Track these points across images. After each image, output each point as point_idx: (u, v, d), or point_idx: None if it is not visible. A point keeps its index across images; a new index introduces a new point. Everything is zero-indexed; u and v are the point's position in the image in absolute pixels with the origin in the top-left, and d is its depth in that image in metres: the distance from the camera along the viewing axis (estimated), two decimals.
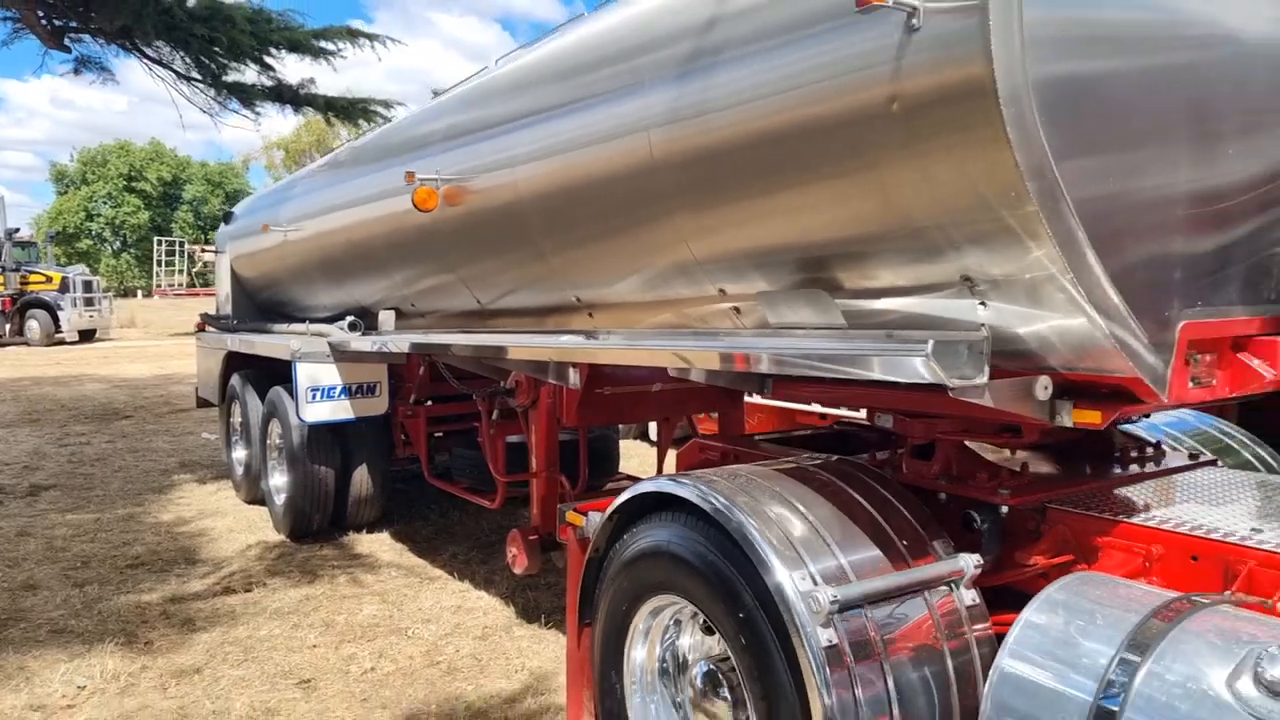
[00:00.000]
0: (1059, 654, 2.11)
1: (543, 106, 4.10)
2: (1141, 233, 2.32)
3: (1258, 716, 1.78)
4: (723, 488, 2.90)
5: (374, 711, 4.22)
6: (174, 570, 6.40)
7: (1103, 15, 2.21)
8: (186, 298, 35.50)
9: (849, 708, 2.46)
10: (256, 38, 10.48)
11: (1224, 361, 2.56)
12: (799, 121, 2.67)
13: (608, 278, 3.97)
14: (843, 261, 2.85)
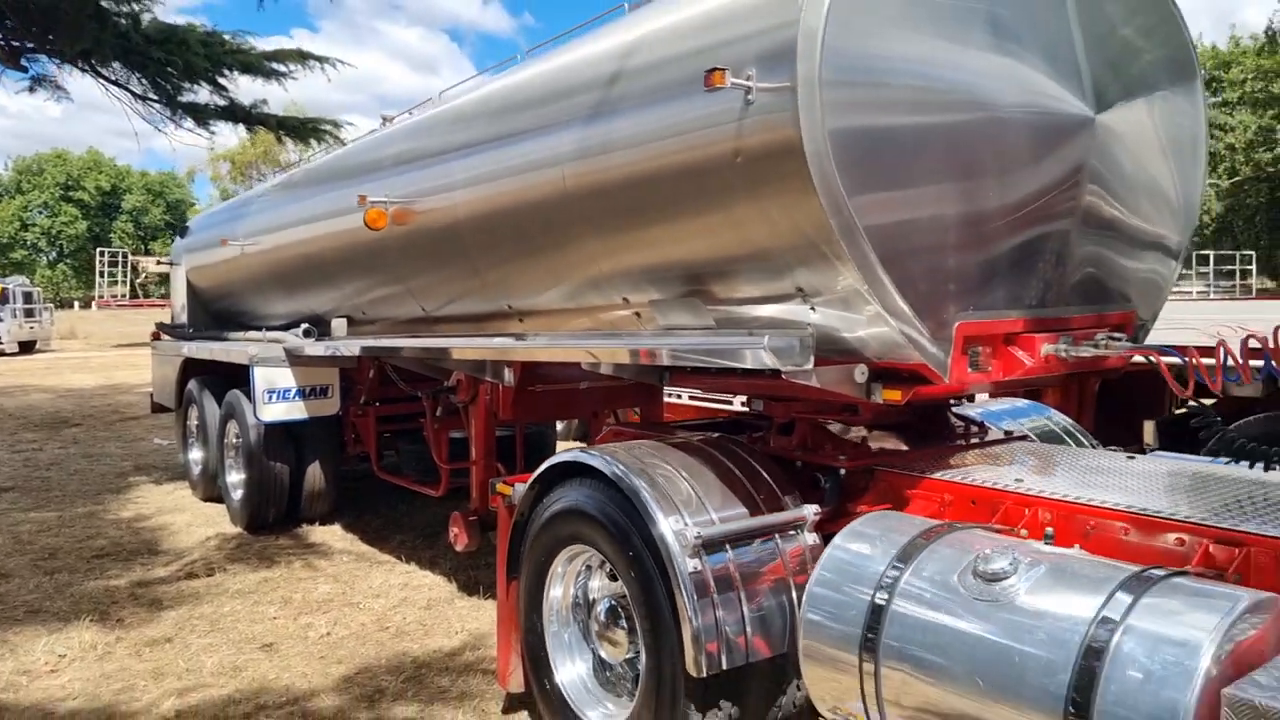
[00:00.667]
0: (851, 567, 2.85)
1: (477, 140, 4.81)
2: (921, 253, 3.09)
3: (974, 595, 2.53)
4: (623, 458, 3.61)
5: (330, 666, 4.84)
6: (138, 559, 6.92)
7: (884, 89, 2.98)
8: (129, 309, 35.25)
9: (712, 628, 3.18)
10: (210, 59, 10.98)
11: (997, 352, 3.35)
12: (675, 165, 3.41)
13: (534, 289, 4.67)
14: (713, 277, 3.59)
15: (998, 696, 2.37)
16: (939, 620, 2.57)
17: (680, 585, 3.18)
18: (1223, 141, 33.33)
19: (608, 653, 3.75)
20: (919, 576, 2.69)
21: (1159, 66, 3.76)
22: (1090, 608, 2.31)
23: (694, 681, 3.18)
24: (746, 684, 3.30)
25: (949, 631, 2.53)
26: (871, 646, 2.70)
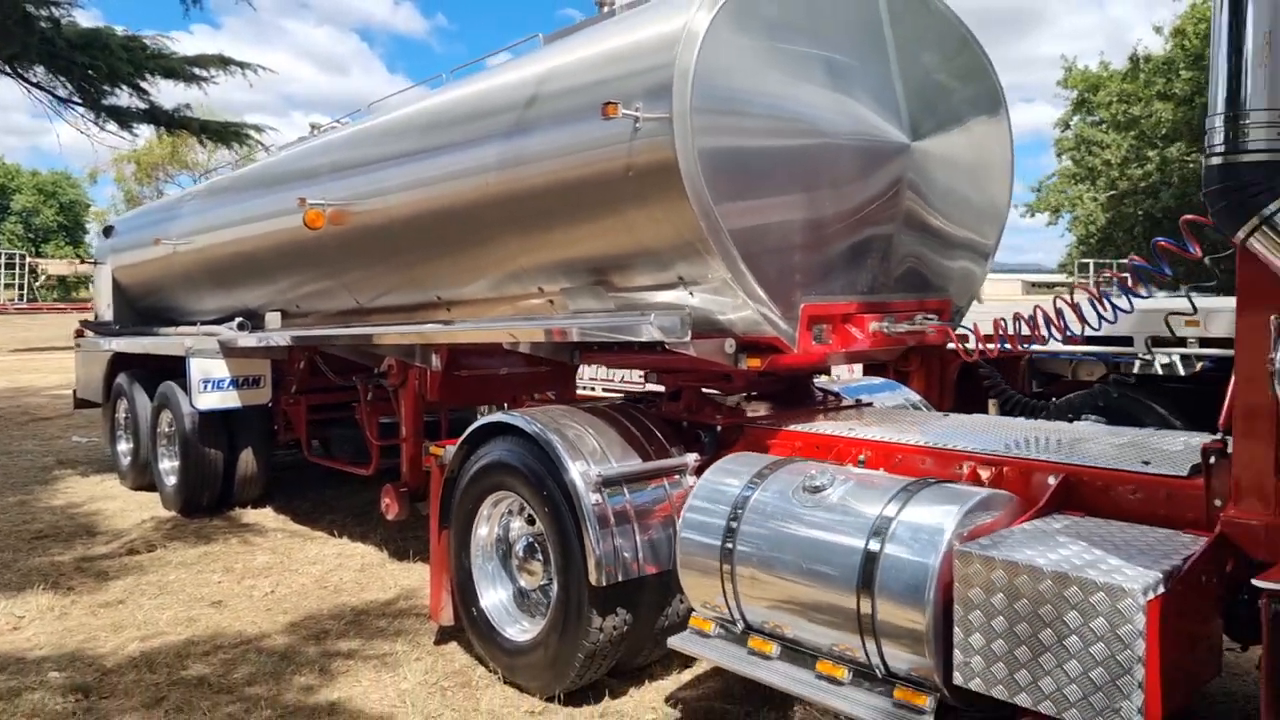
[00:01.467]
0: (715, 493, 3.66)
1: (410, 151, 5.51)
2: (774, 250, 3.93)
3: (801, 504, 3.36)
4: (539, 418, 4.37)
5: (277, 616, 5.44)
6: (78, 539, 7.33)
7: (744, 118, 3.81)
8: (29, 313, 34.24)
9: (611, 550, 3.95)
10: (132, 64, 11.30)
11: (836, 330, 4.22)
12: (580, 177, 4.19)
13: (461, 281, 5.38)
14: (612, 270, 4.37)
15: (815, 575, 3.21)
16: (776, 525, 3.40)
17: (585, 517, 3.95)
18: (1099, 158, 35.77)
19: (526, 582, 4.49)
20: (763, 495, 3.52)
21: (970, 102, 4.70)
22: (878, 505, 3.16)
23: (596, 593, 3.94)
24: (638, 596, 4.08)
25: (783, 532, 3.36)
26: (729, 552, 3.51)
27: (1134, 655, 2.47)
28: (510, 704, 4.20)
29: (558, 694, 4.16)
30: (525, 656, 4.32)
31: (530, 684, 4.29)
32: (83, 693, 4.40)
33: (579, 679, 4.12)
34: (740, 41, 3.86)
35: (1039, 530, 2.97)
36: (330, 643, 4.98)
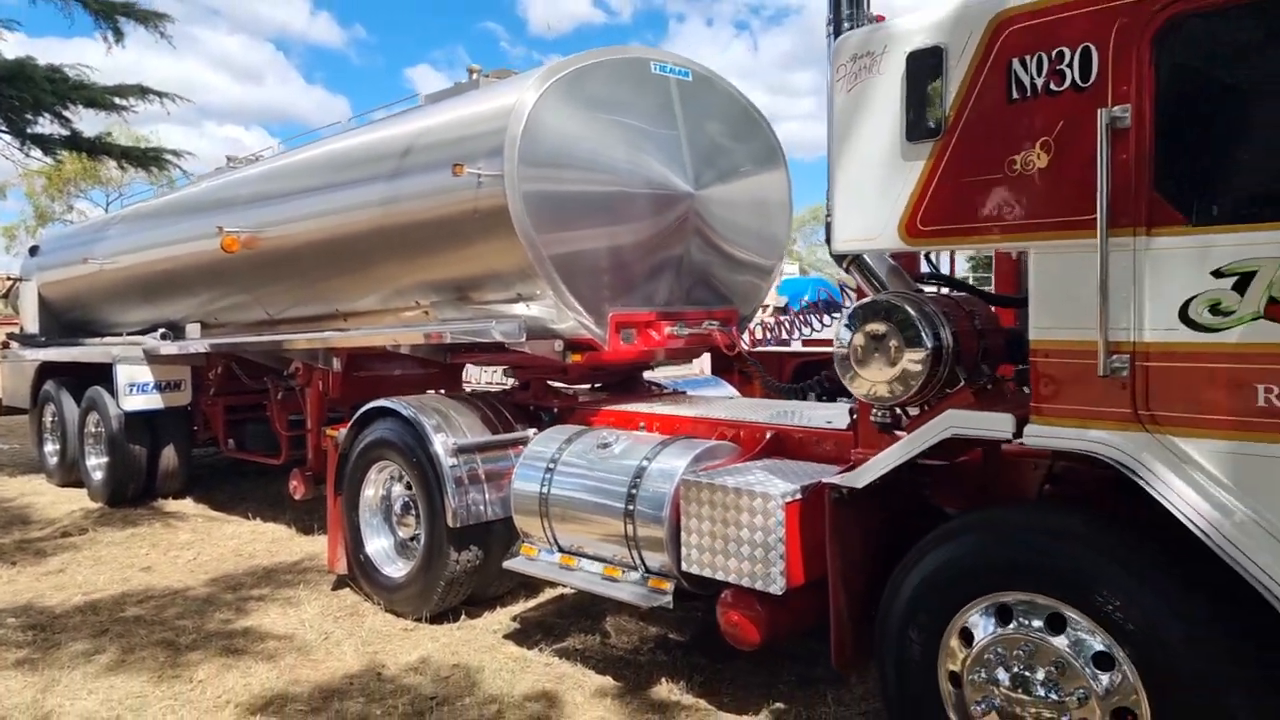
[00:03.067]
0: (536, 452, 4.92)
1: (313, 187, 6.67)
2: (586, 272, 5.21)
3: (593, 457, 4.64)
4: (413, 402, 5.58)
5: (199, 575, 6.50)
6: (14, 527, 8.24)
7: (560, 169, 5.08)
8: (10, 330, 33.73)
9: (464, 505, 5.18)
10: (56, 95, 12.06)
11: (640, 334, 5.52)
12: (441, 216, 5.42)
13: (355, 296, 6.55)
14: (470, 287, 5.61)
15: (599, 506, 4.49)
16: (576, 473, 4.68)
17: (444, 477, 5.18)
18: None
19: (403, 533, 5.68)
20: (569, 453, 4.80)
21: (750, 157, 6.05)
22: (641, 455, 4.46)
23: (453, 534, 5.17)
24: (488, 538, 5.30)
25: (580, 478, 4.64)
26: (545, 495, 4.78)
27: (778, 537, 3.78)
28: (389, 625, 5.39)
29: (425, 615, 5.37)
30: (401, 590, 5.53)
31: (405, 610, 5.49)
32: (38, 629, 5.44)
33: (441, 603, 5.34)
34: (560, 113, 5.15)
35: (742, 467, 4.30)
36: (245, 591, 6.09)
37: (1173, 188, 2.76)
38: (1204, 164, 2.76)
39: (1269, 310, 2.58)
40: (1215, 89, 2.80)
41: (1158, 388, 2.80)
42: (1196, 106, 2.76)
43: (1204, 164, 2.76)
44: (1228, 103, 2.79)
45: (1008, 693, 3.13)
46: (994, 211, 3.12)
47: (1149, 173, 2.78)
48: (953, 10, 3.22)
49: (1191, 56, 2.74)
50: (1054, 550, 3.07)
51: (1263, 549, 2.61)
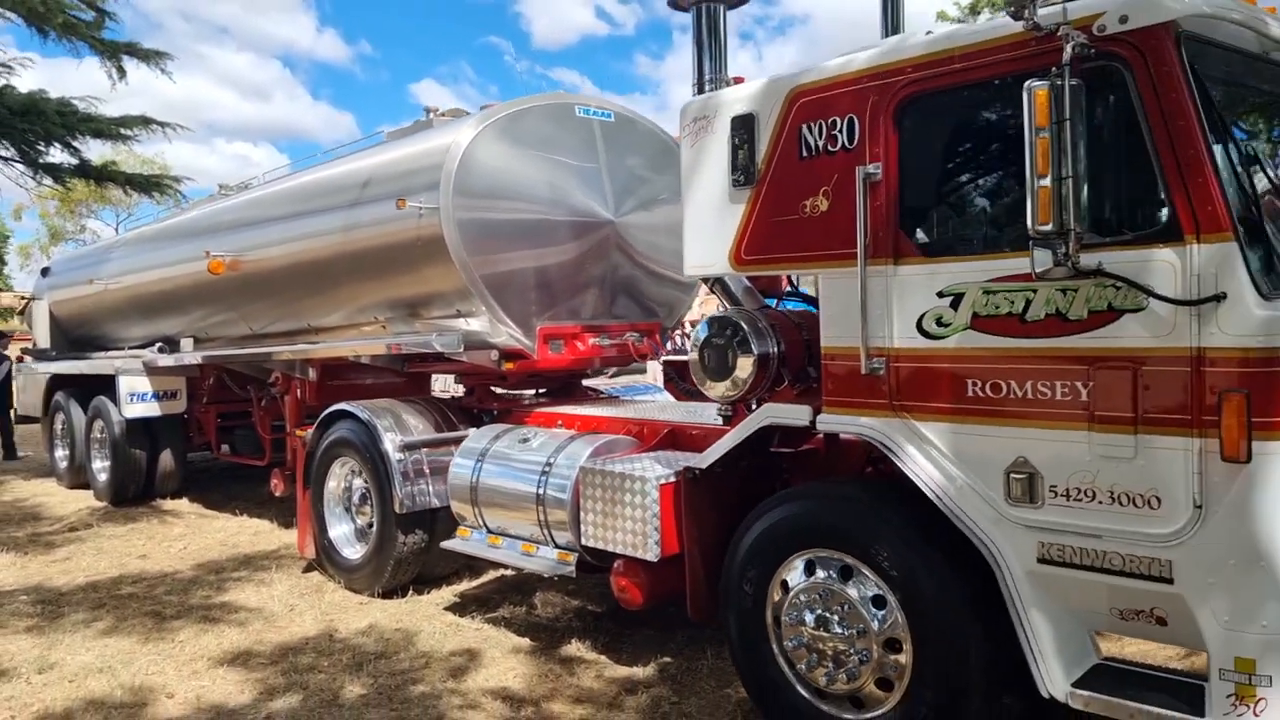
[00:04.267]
0: (470, 447, 5.71)
1: (288, 214, 7.48)
2: (515, 290, 6.00)
3: (515, 450, 5.42)
4: (368, 405, 6.38)
5: (187, 561, 7.30)
6: (28, 522, 9.07)
7: (491, 199, 5.87)
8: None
9: (409, 494, 5.97)
10: (65, 127, 12.98)
11: (568, 344, 6.30)
12: (392, 243, 6.21)
13: (323, 313, 7.36)
14: (420, 305, 6.41)
15: (518, 493, 5.26)
16: (500, 464, 5.46)
17: (392, 470, 5.97)
18: None
19: (360, 520, 6.47)
20: (496, 447, 5.59)
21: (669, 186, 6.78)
22: (553, 448, 5.24)
23: (400, 519, 5.96)
24: (432, 524, 6.08)
25: (503, 467, 5.42)
26: (475, 484, 5.56)
27: (654, 513, 4.53)
28: (347, 599, 6.18)
29: (377, 591, 6.15)
30: (358, 570, 6.32)
31: (361, 588, 6.28)
32: (45, 604, 6.25)
33: (391, 580, 6.13)
34: (492, 151, 5.94)
35: (634, 457, 5.06)
36: (225, 574, 6.89)
37: (911, 228, 3.53)
38: (930, 210, 3.54)
39: (974, 322, 3.34)
40: (937, 152, 3.57)
41: (903, 383, 3.56)
42: (924, 165, 3.53)
43: (930, 210, 3.54)
44: (944, 163, 3.55)
45: (812, 631, 3.88)
46: (794, 245, 3.89)
47: (895, 216, 3.55)
48: (763, 84, 4.00)
49: (920, 127, 3.51)
50: (843, 515, 3.83)
51: (972, 505, 3.37)
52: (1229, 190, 2.87)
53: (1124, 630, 3.30)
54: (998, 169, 3.45)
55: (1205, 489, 2.87)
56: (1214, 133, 2.91)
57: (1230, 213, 2.83)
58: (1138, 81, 2.96)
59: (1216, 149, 2.90)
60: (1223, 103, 3.13)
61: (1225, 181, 2.87)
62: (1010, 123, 3.22)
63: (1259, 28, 3.12)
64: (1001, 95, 3.21)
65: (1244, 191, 2.99)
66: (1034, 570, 3.27)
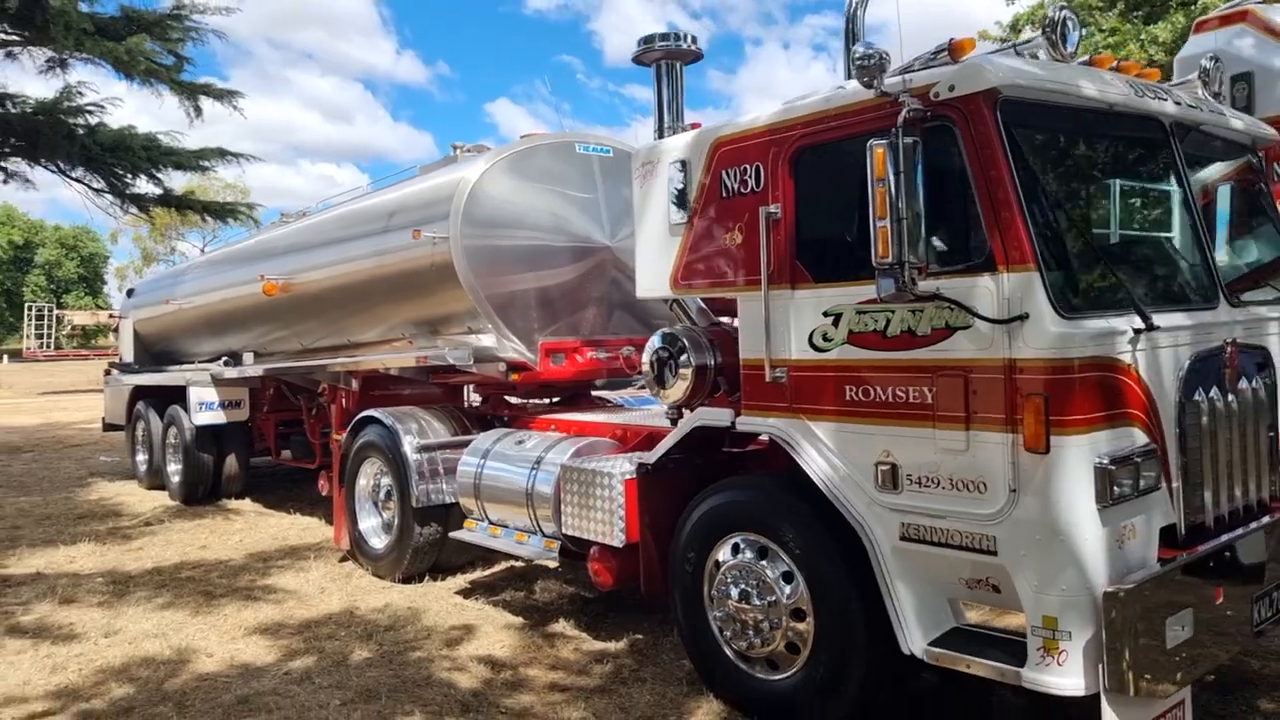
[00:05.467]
0: (475, 448, 6.47)
1: (330, 240, 8.40)
2: (519, 309, 6.76)
3: (513, 451, 6.16)
4: (392, 412, 7.21)
5: (241, 551, 8.23)
6: (109, 518, 10.16)
7: (496, 228, 6.63)
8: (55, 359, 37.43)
9: (425, 490, 6.76)
10: (150, 160, 14.34)
11: (569, 358, 7.03)
12: (412, 269, 7.04)
13: (360, 331, 8.24)
14: (438, 323, 7.23)
15: (513, 485, 6.00)
16: (499, 463, 6.21)
17: (410, 469, 6.77)
18: None
19: (386, 515, 7.29)
20: (497, 448, 6.34)
21: None
22: (542, 449, 5.96)
23: (417, 513, 6.75)
24: (446, 516, 6.86)
25: (508, 465, 6.16)
26: (479, 482, 6.31)
27: (620, 504, 5.20)
28: (372, 582, 7.00)
29: (397, 577, 6.95)
30: (382, 558, 7.14)
31: (384, 574, 7.09)
32: (116, 584, 7.21)
33: (410, 568, 6.93)
34: (499, 185, 6.72)
35: (610, 457, 5.74)
36: (271, 562, 7.79)
37: (804, 259, 4.17)
38: (818, 243, 4.17)
39: (850, 338, 3.96)
40: (821, 195, 4.19)
41: (799, 389, 4.19)
42: (812, 206, 4.17)
43: (818, 243, 4.17)
44: (826, 204, 4.18)
45: (735, 604, 4.51)
46: (717, 272, 4.56)
47: (792, 248, 4.19)
48: (694, 134, 4.69)
49: (808, 174, 4.15)
50: (758, 503, 4.46)
51: (851, 492, 3.98)
52: (1033, 228, 3.45)
53: (972, 598, 3.87)
54: (861, 210, 4.06)
55: (1018, 476, 3.45)
56: (1024, 180, 3.50)
57: (1033, 247, 3.41)
58: (963, 139, 3.57)
59: (1026, 193, 3.49)
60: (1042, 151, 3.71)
61: (1030, 221, 3.45)
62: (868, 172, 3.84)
63: (1072, 91, 3.69)
64: (863, 149, 3.84)
65: (1047, 229, 3.56)
66: (898, 546, 3.86)
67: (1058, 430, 3.36)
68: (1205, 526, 3.89)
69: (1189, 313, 3.95)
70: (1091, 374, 3.41)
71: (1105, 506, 3.40)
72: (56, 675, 5.20)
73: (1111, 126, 3.97)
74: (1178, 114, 4.10)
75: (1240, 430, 4.06)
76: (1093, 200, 4.03)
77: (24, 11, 10.40)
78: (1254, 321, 4.28)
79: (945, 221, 3.67)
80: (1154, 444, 3.62)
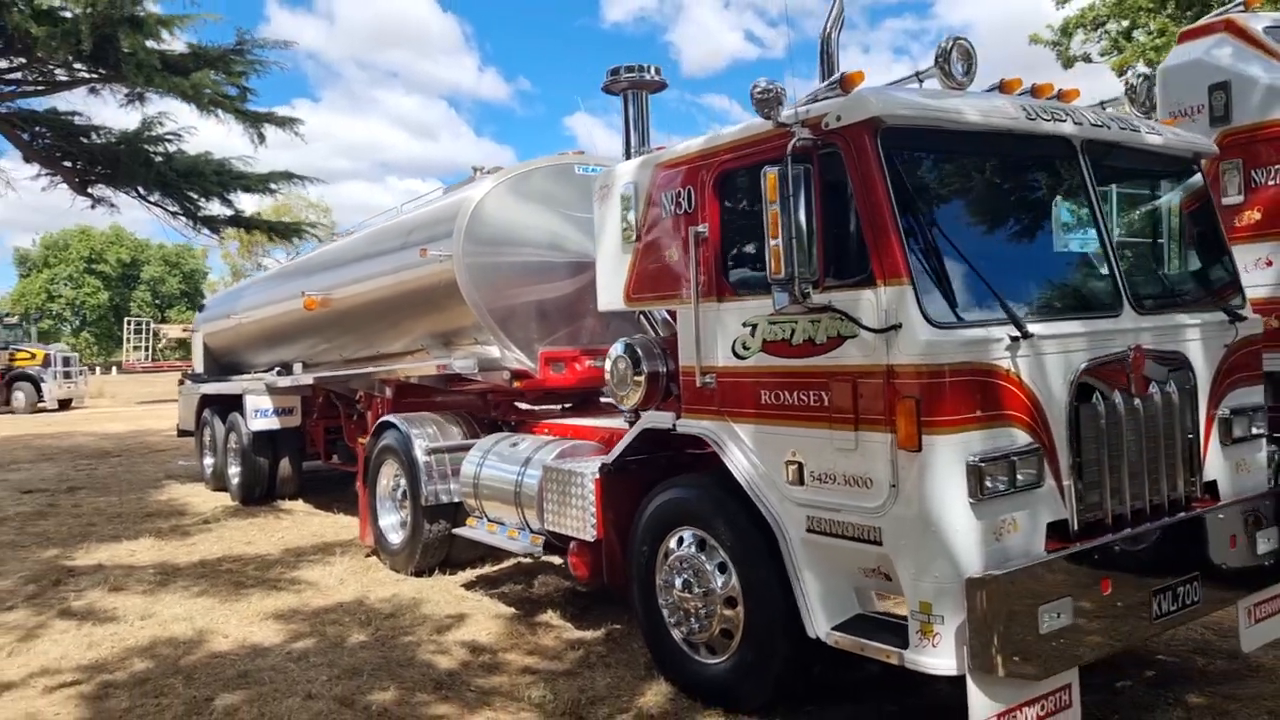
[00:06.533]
0: (477, 450, 6.95)
1: (361, 257, 9.03)
2: (520, 321, 7.23)
3: (507, 453, 6.63)
4: (407, 417, 7.77)
5: (281, 547, 8.89)
6: (173, 516, 11.01)
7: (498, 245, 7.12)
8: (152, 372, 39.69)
9: (433, 490, 7.29)
10: (221, 185, 15.31)
11: (568, 365, 7.47)
12: (428, 285, 7.58)
13: (386, 343, 8.84)
14: (450, 335, 7.76)
15: (505, 484, 6.46)
16: (495, 464, 6.68)
17: (419, 470, 7.31)
18: None
19: (402, 513, 7.85)
20: (494, 449, 6.82)
21: None
22: (533, 450, 6.41)
23: (426, 511, 7.28)
24: (450, 511, 7.37)
25: (501, 465, 6.63)
26: (478, 482, 6.80)
27: (591, 500, 5.61)
28: (388, 576, 7.55)
29: (410, 571, 7.49)
30: (398, 553, 7.69)
31: (398, 568, 7.65)
32: (164, 575, 7.93)
33: (421, 562, 7.47)
34: (502, 205, 7.21)
35: (591, 458, 6.15)
36: (303, 557, 8.43)
37: (727, 274, 4.52)
38: (737, 260, 4.51)
39: (764, 346, 4.30)
40: (740, 215, 4.53)
41: (725, 394, 4.54)
42: (733, 225, 4.52)
43: (737, 260, 4.51)
44: (744, 224, 4.51)
45: (679, 593, 4.87)
46: (660, 286, 4.94)
47: (718, 264, 4.55)
48: (638, 160, 5.09)
49: (729, 196, 4.51)
50: (698, 500, 4.82)
51: (767, 488, 4.31)
52: (907, 246, 3.74)
53: (871, 585, 4.15)
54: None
55: (896, 473, 3.74)
56: (902, 201, 3.80)
57: (906, 263, 3.71)
58: (847, 164, 3.89)
59: (904, 214, 3.79)
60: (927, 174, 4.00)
61: (905, 239, 3.75)
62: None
63: (955, 118, 3.96)
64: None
65: (925, 246, 3.84)
66: (805, 538, 4.18)
67: (929, 430, 3.64)
68: (1104, 523, 4.10)
69: (1087, 321, 4.17)
70: (963, 378, 3.68)
71: (978, 501, 3.67)
72: (90, 651, 5.85)
73: (1007, 147, 4.22)
74: (1075, 133, 4.32)
75: (1147, 433, 4.25)
76: (980, 217, 4.28)
77: (98, 52, 11.35)
78: (1168, 328, 4.46)
79: (837, 240, 3.99)
80: (1038, 444, 3.87)
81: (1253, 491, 4.79)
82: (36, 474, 15.41)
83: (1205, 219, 5.13)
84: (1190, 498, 4.48)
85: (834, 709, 4.68)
